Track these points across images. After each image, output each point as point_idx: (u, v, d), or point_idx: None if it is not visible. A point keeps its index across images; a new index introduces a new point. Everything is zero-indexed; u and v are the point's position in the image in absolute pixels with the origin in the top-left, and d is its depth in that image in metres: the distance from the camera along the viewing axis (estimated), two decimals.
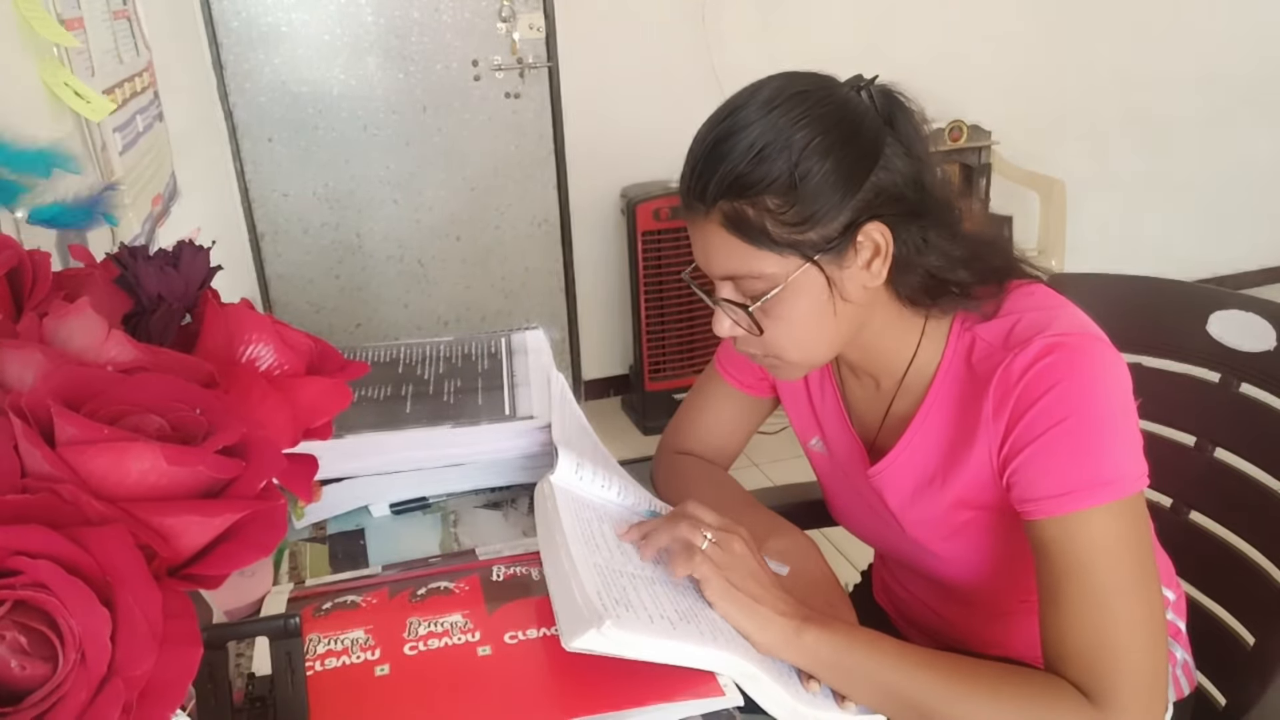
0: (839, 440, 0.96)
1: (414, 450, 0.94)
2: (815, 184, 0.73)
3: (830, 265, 0.76)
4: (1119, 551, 0.73)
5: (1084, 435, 0.74)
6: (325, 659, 0.67)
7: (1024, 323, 0.78)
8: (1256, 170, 3.63)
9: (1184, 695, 0.98)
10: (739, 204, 0.74)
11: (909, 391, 0.87)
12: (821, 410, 0.98)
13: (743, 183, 0.74)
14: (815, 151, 0.73)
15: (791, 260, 0.75)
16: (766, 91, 0.76)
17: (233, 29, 2.56)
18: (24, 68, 0.91)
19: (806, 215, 0.73)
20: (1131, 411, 0.76)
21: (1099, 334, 0.78)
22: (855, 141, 0.74)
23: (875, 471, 0.90)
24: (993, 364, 0.78)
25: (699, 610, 0.72)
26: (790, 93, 0.75)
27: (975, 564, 0.89)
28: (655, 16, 2.83)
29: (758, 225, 0.74)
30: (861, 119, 0.75)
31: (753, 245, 0.75)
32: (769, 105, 0.74)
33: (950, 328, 0.84)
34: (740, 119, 0.75)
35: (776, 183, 0.73)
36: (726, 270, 0.78)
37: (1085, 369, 0.74)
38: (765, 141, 0.73)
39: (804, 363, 0.83)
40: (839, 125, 0.74)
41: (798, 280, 0.76)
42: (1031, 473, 0.76)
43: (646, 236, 2.78)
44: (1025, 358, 0.76)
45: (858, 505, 0.97)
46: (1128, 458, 0.74)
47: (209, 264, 0.66)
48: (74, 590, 0.38)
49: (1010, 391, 0.76)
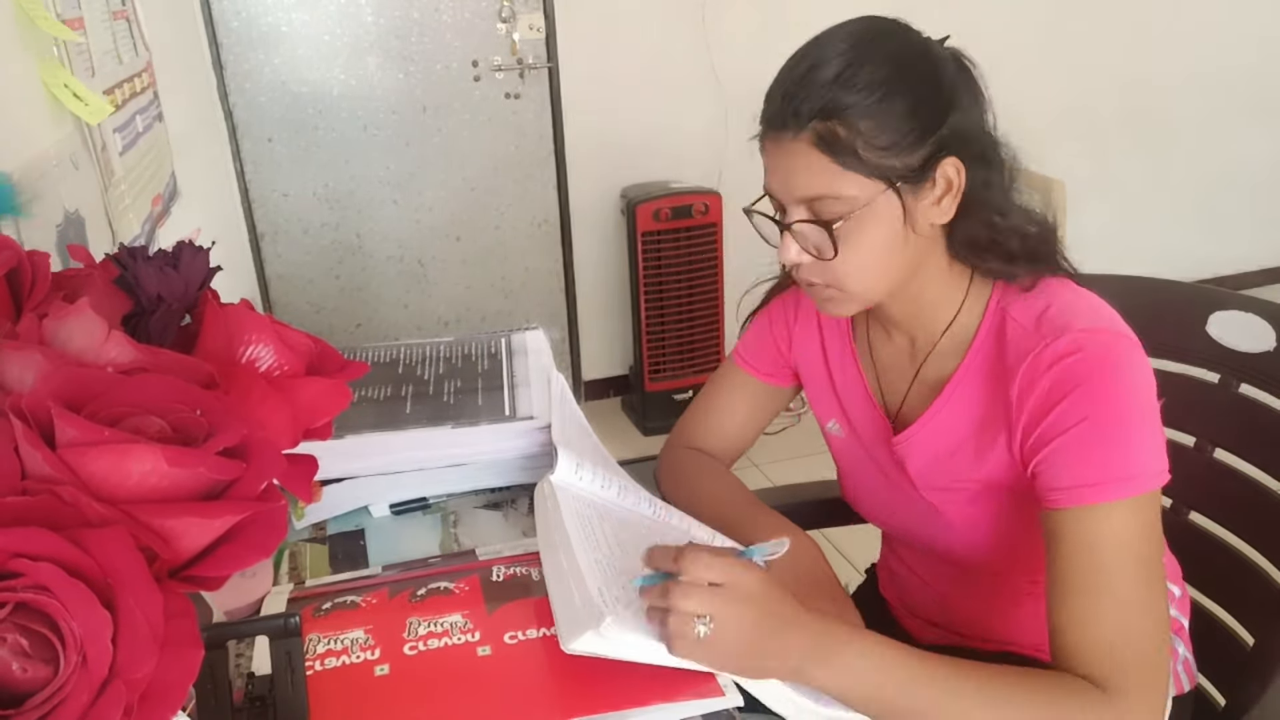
0: (860, 415, 0.97)
1: (414, 450, 0.94)
2: (905, 112, 0.77)
3: (908, 194, 0.79)
4: (1135, 546, 0.74)
5: (1110, 431, 0.76)
6: (325, 659, 0.67)
7: (1055, 308, 0.81)
8: (1256, 171, 3.63)
9: (1184, 691, 0.98)
10: (832, 124, 0.77)
11: (941, 355, 0.89)
12: (842, 388, 0.99)
13: (839, 103, 0.77)
14: (906, 81, 0.77)
15: (875, 185, 0.78)
16: (855, 26, 0.81)
17: (233, 29, 2.56)
18: (24, 69, 0.91)
19: (894, 141, 0.77)
20: (1155, 409, 0.78)
21: (1127, 331, 0.80)
22: (939, 80, 0.79)
23: (901, 439, 0.91)
24: (1024, 348, 0.80)
25: None
26: (880, 29, 0.81)
27: (986, 536, 0.90)
28: (655, 16, 2.83)
29: (849, 145, 0.77)
30: (943, 64, 0.81)
31: (841, 165, 0.77)
32: (861, 37, 0.80)
33: (989, 298, 0.86)
34: (833, 47, 0.79)
35: (871, 106, 0.76)
36: (810, 190, 0.79)
37: (1113, 366, 0.77)
38: (861, 64, 0.77)
39: (863, 294, 0.85)
40: (925, 62, 0.80)
41: (878, 205, 0.79)
42: (1057, 464, 0.77)
43: (646, 237, 2.78)
44: (1055, 350, 0.78)
45: (875, 481, 0.97)
46: (1150, 454, 0.76)
47: (209, 264, 0.66)
48: (75, 592, 0.38)
49: (1037, 381, 0.78)
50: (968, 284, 0.87)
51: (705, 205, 2.77)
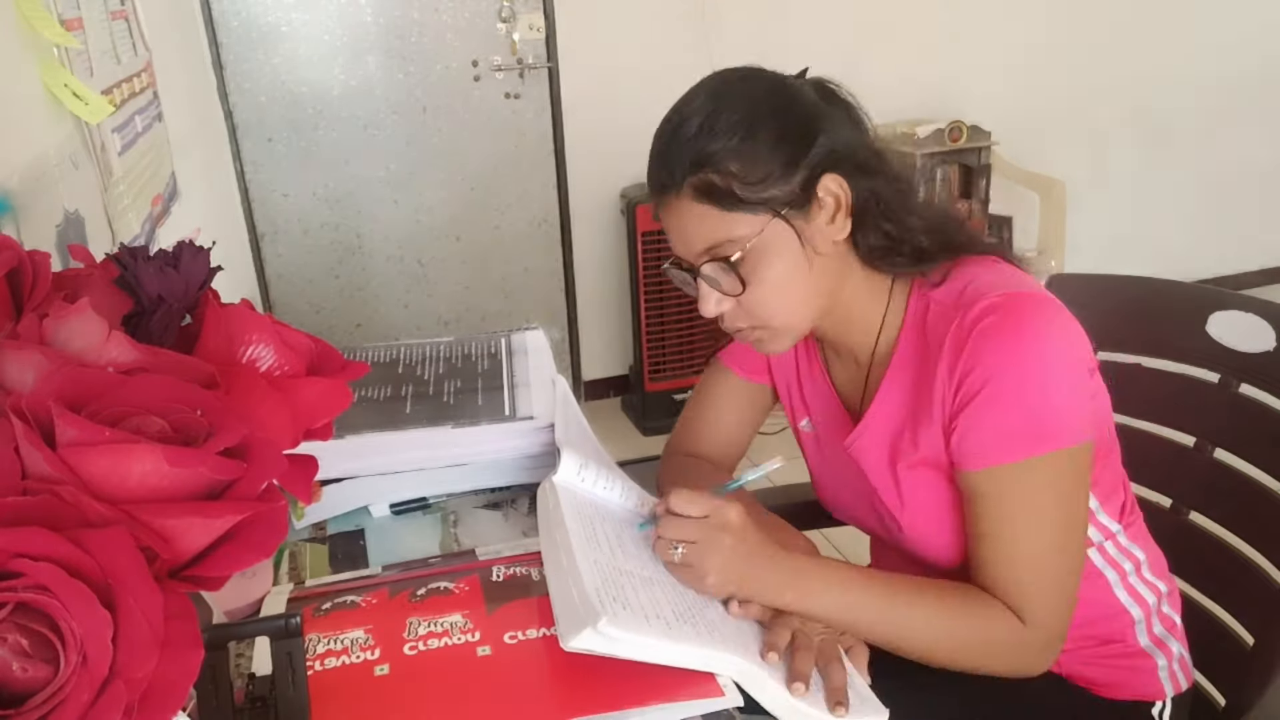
0: (826, 416, 1.00)
1: (414, 450, 0.94)
2: (770, 143, 0.80)
3: (797, 219, 0.82)
4: (1046, 502, 0.80)
5: (1024, 389, 0.79)
6: (325, 659, 0.67)
7: (976, 284, 0.84)
8: (1256, 170, 3.63)
9: (1181, 690, 0.98)
10: (705, 174, 0.81)
11: (881, 361, 0.91)
12: (810, 391, 1.01)
13: (704, 154, 0.81)
14: (763, 115, 0.81)
15: (761, 218, 0.81)
16: (708, 83, 0.85)
17: (233, 29, 2.56)
18: (24, 68, 0.91)
19: (767, 173, 0.80)
20: (1079, 368, 0.81)
21: (1049, 295, 0.82)
22: (797, 108, 0.83)
23: (850, 440, 0.93)
24: (945, 324, 0.83)
25: (698, 610, 0.72)
26: (730, 77, 0.85)
27: (948, 536, 0.90)
28: (655, 16, 2.83)
29: (725, 189, 0.80)
30: (799, 92, 0.84)
31: (724, 209, 0.81)
32: (715, 89, 0.84)
33: (909, 294, 0.89)
34: (690, 108, 0.83)
35: (735, 148, 0.80)
36: (704, 241, 0.83)
37: (1029, 324, 0.79)
38: (717, 114, 0.81)
39: (789, 327, 0.88)
40: (780, 96, 0.83)
41: (770, 235, 0.82)
42: (971, 427, 0.81)
43: (646, 236, 2.78)
44: (973, 315, 0.81)
45: (841, 483, 0.99)
46: (1066, 412, 0.79)
47: (209, 264, 0.66)
48: (75, 592, 0.38)
49: (960, 349, 0.81)
50: (889, 288, 0.89)
51: None
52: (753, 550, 0.77)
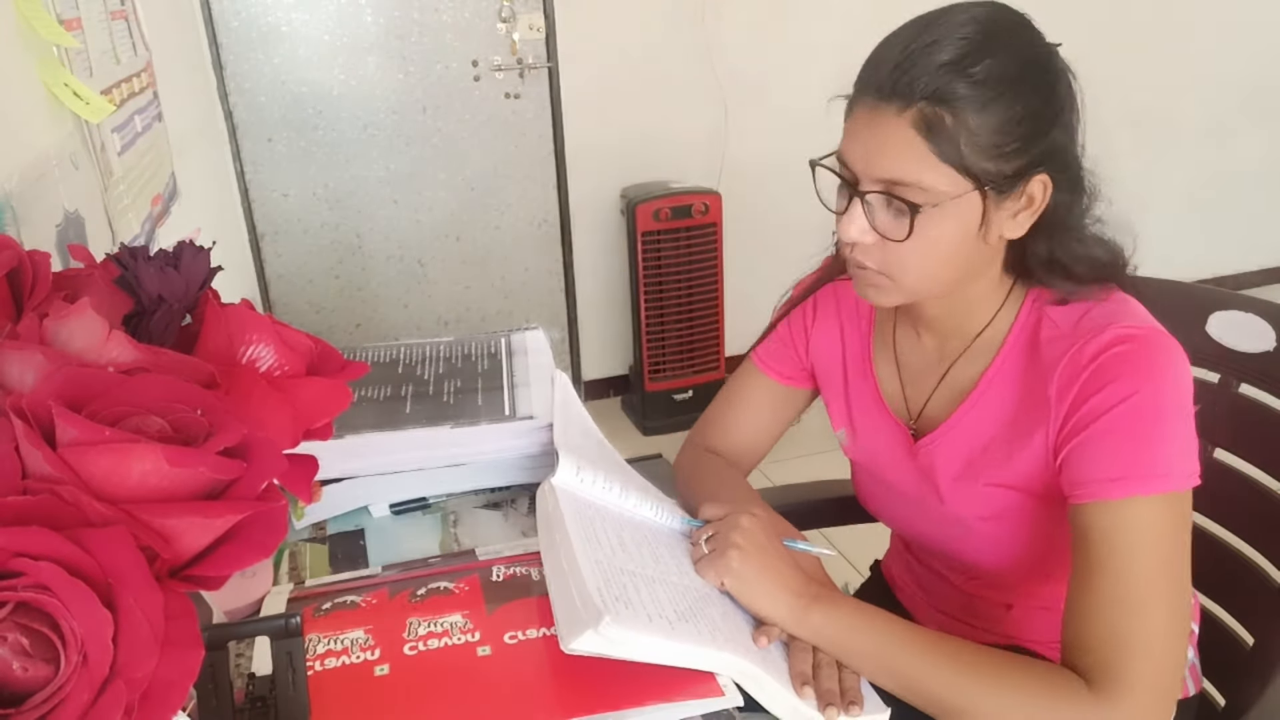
0: (874, 424, 0.96)
1: (414, 450, 0.94)
2: (1015, 117, 0.73)
3: (992, 202, 0.76)
4: (1158, 546, 0.73)
5: (1143, 425, 0.74)
6: (325, 659, 0.67)
7: (1095, 312, 0.80)
8: (1256, 171, 3.63)
9: (1189, 695, 0.98)
10: (941, 110, 0.73)
11: (972, 358, 0.87)
12: (855, 397, 0.98)
13: (952, 90, 0.72)
14: (1024, 85, 0.74)
15: (965, 183, 0.75)
16: (982, 12, 0.75)
17: (233, 29, 2.56)
18: (24, 68, 0.91)
19: (997, 144, 0.74)
20: (1190, 411, 0.77)
21: (1170, 336, 0.79)
22: (1053, 92, 0.76)
23: (926, 442, 0.90)
24: (1061, 347, 0.79)
25: (700, 610, 0.72)
26: (1009, 22, 0.76)
27: (1010, 550, 0.89)
28: (655, 16, 2.83)
29: (952, 136, 0.73)
30: (1061, 76, 0.77)
31: (938, 155, 0.74)
32: (988, 25, 0.74)
33: (1023, 301, 0.85)
34: (957, 28, 0.74)
35: (983, 102, 0.72)
36: (895, 172, 0.75)
37: (1154, 362, 0.76)
38: (981, 58, 0.72)
39: (914, 289, 0.82)
40: (1046, 71, 0.76)
41: (960, 204, 0.75)
42: (1086, 455, 0.76)
43: (646, 237, 2.78)
44: (1097, 344, 0.77)
45: (895, 486, 0.97)
46: (1182, 454, 0.75)
47: (209, 264, 0.66)
48: (76, 592, 0.38)
49: (1078, 375, 0.77)
50: (1009, 290, 0.86)
51: (705, 205, 2.77)
52: (766, 551, 0.78)
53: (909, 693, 0.74)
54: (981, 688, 0.72)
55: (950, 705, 0.72)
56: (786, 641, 0.76)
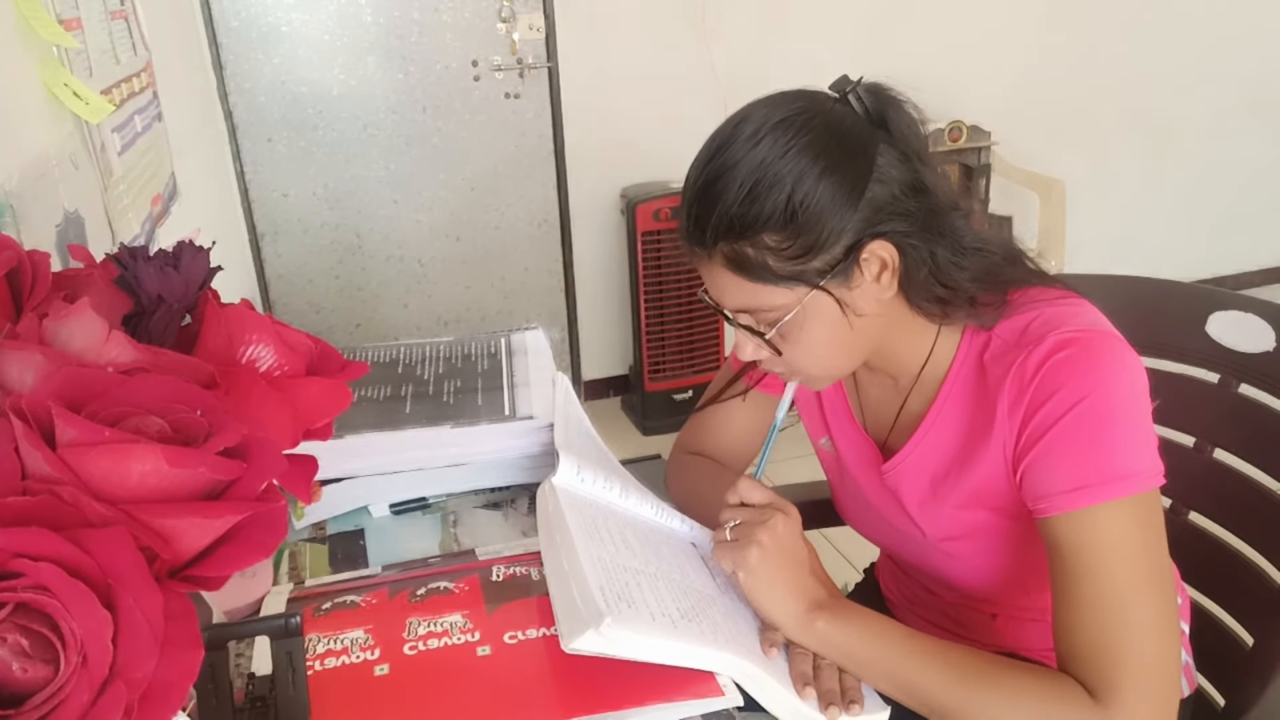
0: (849, 441, 0.96)
1: (414, 450, 0.94)
2: (811, 213, 0.72)
3: (838, 288, 0.76)
4: (1130, 550, 0.73)
5: (1096, 429, 0.73)
6: (325, 659, 0.67)
7: (1039, 319, 0.79)
8: (1256, 171, 3.63)
9: (1184, 695, 0.98)
10: (738, 245, 0.74)
11: (924, 388, 0.87)
12: (830, 412, 0.98)
13: (739, 224, 0.74)
14: (807, 181, 0.72)
15: (799, 290, 0.75)
16: (750, 125, 0.75)
17: (233, 29, 2.56)
18: (24, 68, 0.91)
19: (808, 246, 0.73)
20: (1146, 409, 0.76)
21: (1114, 331, 0.78)
22: (846, 161, 0.73)
23: (889, 468, 0.90)
24: (1006, 363, 0.78)
25: (702, 610, 0.72)
26: (774, 122, 0.74)
27: (988, 569, 0.89)
28: (655, 16, 2.83)
29: (759, 263, 0.74)
30: (849, 133, 0.74)
31: (758, 282, 0.75)
32: (754, 140, 0.74)
33: (964, 327, 0.84)
34: (728, 158, 0.74)
35: (772, 219, 0.73)
36: (737, 303, 0.79)
37: (1099, 364, 0.74)
38: (755, 179, 0.73)
39: (828, 375, 0.85)
40: (827, 148, 0.73)
41: (808, 306, 0.76)
42: (1043, 468, 0.76)
43: (646, 236, 2.78)
44: (1040, 353, 0.76)
45: (868, 504, 0.97)
46: (1141, 454, 0.74)
47: (209, 264, 0.66)
48: (75, 592, 0.38)
49: (1026, 388, 0.76)
50: (938, 327, 0.84)
51: None
52: (790, 554, 0.78)
53: (914, 701, 0.73)
54: (987, 696, 0.72)
55: (956, 713, 0.73)
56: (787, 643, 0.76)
